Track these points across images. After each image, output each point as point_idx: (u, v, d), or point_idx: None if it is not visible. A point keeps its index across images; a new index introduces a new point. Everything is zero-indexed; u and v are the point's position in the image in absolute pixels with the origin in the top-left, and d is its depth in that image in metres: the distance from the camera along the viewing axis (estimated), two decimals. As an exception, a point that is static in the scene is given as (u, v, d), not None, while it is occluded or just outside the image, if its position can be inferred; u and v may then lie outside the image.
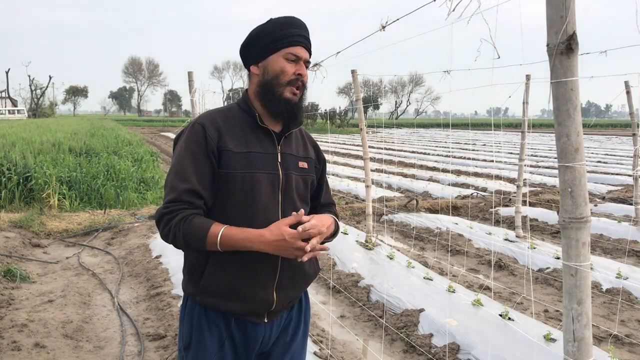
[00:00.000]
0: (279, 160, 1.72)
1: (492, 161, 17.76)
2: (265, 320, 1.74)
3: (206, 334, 1.70)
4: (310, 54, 1.76)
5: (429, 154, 21.55)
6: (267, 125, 1.73)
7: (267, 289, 1.70)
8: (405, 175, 13.94)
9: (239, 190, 1.65)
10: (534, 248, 6.26)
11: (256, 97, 1.73)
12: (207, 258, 1.66)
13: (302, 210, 1.61)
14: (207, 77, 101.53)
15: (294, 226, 1.58)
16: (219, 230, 1.57)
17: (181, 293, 2.77)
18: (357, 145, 25.78)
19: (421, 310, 4.17)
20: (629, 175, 13.01)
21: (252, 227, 1.62)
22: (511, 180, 12.01)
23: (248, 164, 1.66)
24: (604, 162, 18.65)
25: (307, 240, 1.57)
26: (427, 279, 4.91)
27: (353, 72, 6.20)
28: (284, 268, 1.72)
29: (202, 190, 1.62)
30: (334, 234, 1.80)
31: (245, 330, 1.72)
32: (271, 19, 1.72)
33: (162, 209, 1.62)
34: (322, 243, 1.65)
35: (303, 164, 1.81)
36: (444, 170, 14.88)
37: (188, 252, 1.73)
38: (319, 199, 1.94)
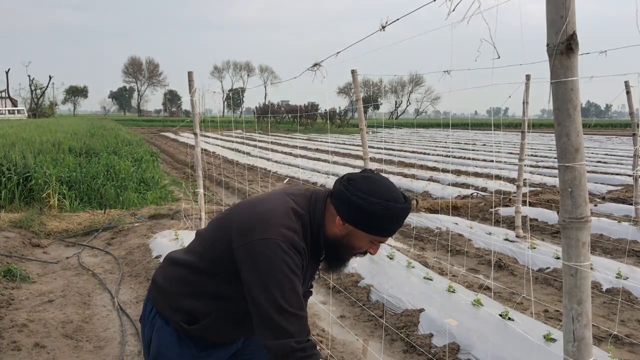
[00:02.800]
0: (309, 281, 1.86)
1: (492, 161, 17.76)
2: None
3: (178, 353, 1.78)
4: None
5: (428, 154, 21.55)
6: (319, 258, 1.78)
7: (238, 341, 1.94)
8: (405, 175, 13.94)
9: None
10: (534, 248, 6.26)
11: (327, 242, 1.71)
12: (211, 320, 1.73)
13: None
14: (207, 77, 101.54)
15: None
16: None
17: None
18: (357, 145, 25.78)
19: (421, 310, 4.17)
20: (629, 175, 13.00)
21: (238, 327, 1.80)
22: (511, 180, 12.01)
23: (304, 286, 1.73)
24: (604, 162, 18.65)
25: None
26: (427, 279, 4.91)
27: (353, 72, 6.20)
28: None
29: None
30: None
31: (217, 347, 1.86)
32: (389, 208, 1.58)
33: (294, 343, 1.52)
34: None
35: (312, 282, 1.95)
36: (444, 170, 14.88)
37: (192, 300, 1.74)
38: None
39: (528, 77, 6.26)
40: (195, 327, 1.73)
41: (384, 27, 2.71)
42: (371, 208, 1.57)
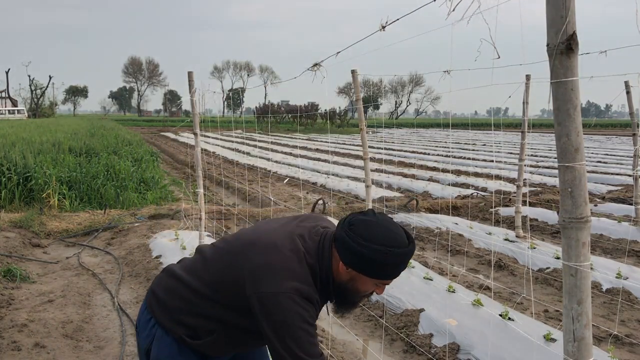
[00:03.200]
0: None
1: (492, 161, 17.76)
2: None
3: None
4: None
5: (428, 154, 21.54)
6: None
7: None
8: (405, 175, 13.94)
9: None
10: (534, 248, 6.26)
11: (333, 287, 1.72)
12: (214, 339, 1.74)
13: None
14: (207, 77, 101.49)
15: None
16: None
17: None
18: (357, 145, 25.77)
19: (421, 310, 4.17)
20: (629, 175, 13.00)
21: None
22: (511, 180, 12.01)
23: None
24: (604, 162, 18.65)
25: None
26: (427, 279, 4.91)
27: (353, 72, 6.19)
28: None
29: None
30: None
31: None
32: (391, 253, 1.59)
33: None
34: None
35: None
36: (444, 170, 14.87)
37: (194, 318, 1.74)
38: None
39: (528, 77, 6.25)
40: (197, 342, 1.74)
41: (384, 27, 2.71)
42: (373, 255, 1.57)
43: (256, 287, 1.59)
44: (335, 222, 1.78)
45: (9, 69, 63.92)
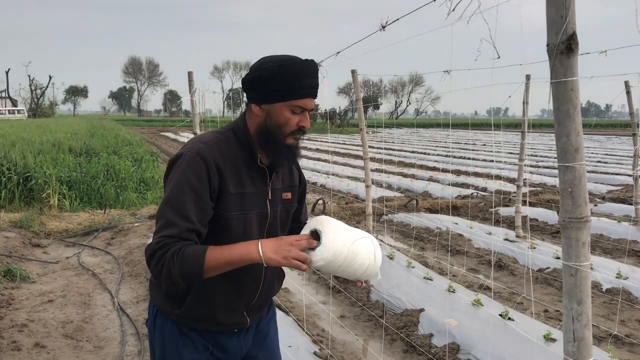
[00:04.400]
0: (269, 197, 1.71)
1: (492, 161, 17.76)
2: (236, 331, 1.80)
3: (183, 351, 1.71)
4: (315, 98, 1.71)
5: (429, 153, 21.55)
6: (263, 164, 1.69)
7: (243, 314, 1.77)
8: (405, 175, 13.94)
9: (232, 231, 1.63)
10: (534, 248, 6.26)
11: (256, 137, 1.66)
12: (189, 288, 1.64)
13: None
14: (207, 77, 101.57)
15: None
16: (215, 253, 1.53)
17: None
18: (357, 145, 25.77)
19: (421, 310, 4.17)
20: (629, 175, 13.00)
21: None
22: (511, 180, 12.01)
23: (242, 205, 1.64)
24: (604, 162, 18.65)
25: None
26: (427, 279, 4.91)
27: (353, 72, 6.20)
28: (260, 295, 1.77)
29: (201, 229, 1.57)
30: None
31: (221, 342, 1.77)
32: (285, 64, 1.58)
33: (154, 244, 1.52)
34: None
35: (287, 195, 1.80)
36: (444, 170, 14.88)
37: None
38: (299, 219, 1.93)
39: (528, 77, 6.26)
40: (185, 308, 1.66)
41: (384, 27, 2.71)
42: (268, 73, 1.57)
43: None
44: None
45: (9, 69, 64.01)
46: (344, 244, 1.60)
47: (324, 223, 1.62)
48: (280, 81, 1.57)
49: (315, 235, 1.61)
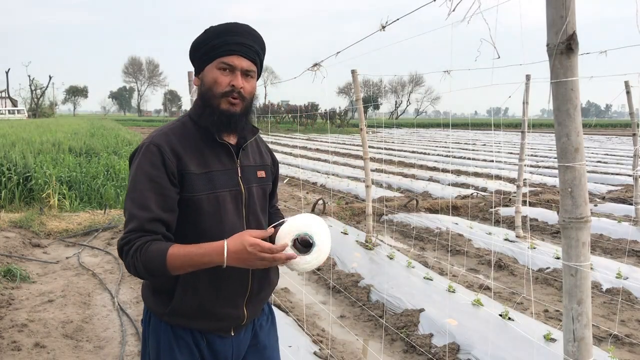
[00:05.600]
0: (240, 174, 1.69)
1: (492, 161, 17.77)
2: (232, 334, 1.73)
3: (177, 353, 1.68)
4: (257, 64, 1.66)
5: (429, 154, 21.54)
6: (224, 139, 1.66)
7: (238, 307, 1.70)
8: (405, 175, 13.94)
9: (205, 213, 1.60)
10: (534, 248, 6.26)
11: (200, 110, 1.65)
12: (176, 279, 1.61)
13: (272, 229, 1.59)
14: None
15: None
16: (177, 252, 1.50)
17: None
18: (357, 145, 25.78)
19: (421, 310, 4.17)
20: (629, 175, 13.01)
21: None
22: (511, 180, 12.01)
23: (210, 184, 1.61)
24: (604, 162, 18.65)
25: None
26: (427, 279, 4.91)
27: (353, 72, 6.20)
28: (253, 284, 1.71)
29: (164, 216, 1.53)
30: None
31: (214, 345, 1.71)
32: (209, 28, 1.64)
33: (120, 241, 1.52)
34: None
35: (261, 173, 1.78)
36: (444, 170, 14.88)
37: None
38: (271, 202, 1.90)
39: (528, 77, 6.26)
40: (176, 302, 1.62)
41: (384, 27, 2.71)
42: (196, 41, 1.64)
43: None
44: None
45: (9, 69, 64.01)
46: (329, 247, 1.62)
47: (316, 235, 1.59)
48: (205, 42, 1.62)
49: (305, 242, 1.59)
